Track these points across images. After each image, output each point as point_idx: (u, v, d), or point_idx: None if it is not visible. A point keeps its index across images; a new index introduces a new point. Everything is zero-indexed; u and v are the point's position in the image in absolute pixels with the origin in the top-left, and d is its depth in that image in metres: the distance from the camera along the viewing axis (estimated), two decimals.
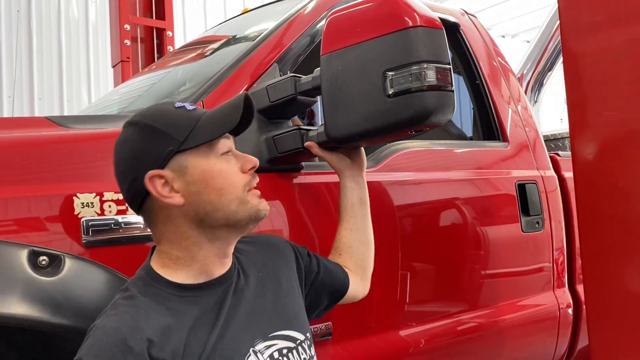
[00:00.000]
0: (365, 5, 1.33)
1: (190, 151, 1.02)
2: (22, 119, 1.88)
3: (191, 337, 0.97)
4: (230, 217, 1.04)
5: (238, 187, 1.05)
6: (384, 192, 1.69)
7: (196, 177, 1.02)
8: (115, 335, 0.91)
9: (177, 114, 1.05)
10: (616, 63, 1.32)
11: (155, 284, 1.01)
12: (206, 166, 1.03)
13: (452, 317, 1.83)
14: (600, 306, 1.33)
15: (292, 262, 1.25)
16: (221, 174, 1.04)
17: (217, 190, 1.03)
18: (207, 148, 1.04)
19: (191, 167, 1.02)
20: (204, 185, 1.02)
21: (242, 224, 1.06)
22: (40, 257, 1.10)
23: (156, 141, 1.02)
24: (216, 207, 1.03)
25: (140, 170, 1.01)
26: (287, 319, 1.13)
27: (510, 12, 8.08)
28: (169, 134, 1.01)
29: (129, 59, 4.25)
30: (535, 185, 2.06)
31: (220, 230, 1.05)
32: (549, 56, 3.00)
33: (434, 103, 1.24)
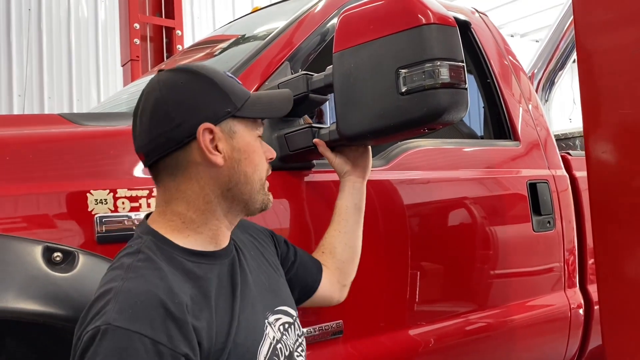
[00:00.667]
0: (378, 3, 1.32)
1: (241, 120, 1.05)
2: (35, 116, 1.89)
3: (216, 305, 0.95)
4: (252, 194, 1.06)
5: (263, 170, 1.09)
6: (395, 191, 1.69)
7: (241, 145, 1.04)
8: (151, 298, 0.86)
9: (232, 81, 1.07)
10: (630, 61, 1.31)
11: (167, 248, 0.97)
12: (250, 139, 1.06)
13: (462, 317, 1.82)
14: (614, 306, 1.32)
15: (272, 246, 1.26)
16: (259, 151, 1.08)
17: (253, 165, 1.06)
18: (253, 124, 1.07)
19: (239, 134, 1.04)
20: (246, 155, 1.05)
21: (255, 206, 1.08)
22: (54, 253, 1.11)
23: (217, 98, 1.02)
24: (248, 180, 1.05)
25: (192, 118, 0.99)
26: (281, 295, 1.15)
27: (519, 11, 8.05)
28: (229, 96, 1.03)
29: (138, 58, 4.26)
30: (547, 185, 2.04)
31: (238, 204, 1.06)
32: (560, 55, 2.98)
33: (447, 101, 1.24)
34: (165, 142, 0.99)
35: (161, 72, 1.06)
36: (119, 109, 2.13)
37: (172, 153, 1.00)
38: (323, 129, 1.42)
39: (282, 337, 1.06)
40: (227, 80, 1.06)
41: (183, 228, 1.01)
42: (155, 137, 0.99)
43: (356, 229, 1.44)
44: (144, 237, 0.99)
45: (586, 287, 2.18)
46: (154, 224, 1.02)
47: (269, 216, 1.42)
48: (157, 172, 1.03)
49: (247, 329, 0.98)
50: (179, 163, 1.00)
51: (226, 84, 1.04)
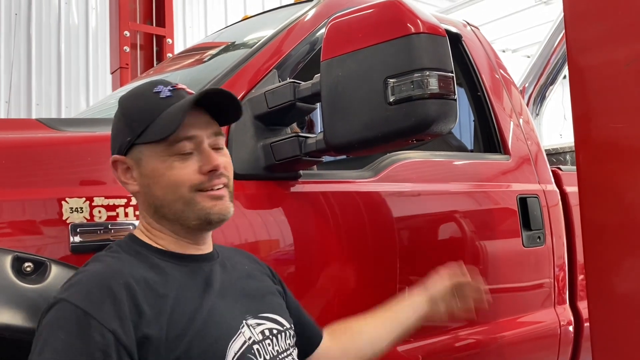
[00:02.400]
0: (367, 11, 1.30)
1: (146, 145, 1.03)
2: (12, 120, 1.85)
3: (180, 296, 0.97)
4: (179, 215, 1.04)
5: (183, 187, 1.02)
6: (383, 203, 1.66)
7: (147, 171, 1.04)
8: (97, 277, 0.93)
9: (147, 101, 1.05)
10: (622, 76, 1.29)
11: (138, 246, 1.04)
12: (156, 163, 1.03)
13: (451, 333, 1.79)
14: (605, 323, 1.30)
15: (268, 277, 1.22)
16: (168, 172, 1.02)
17: (162, 188, 1.03)
18: (163, 145, 1.02)
19: (144, 160, 1.04)
20: (154, 180, 1.03)
21: (193, 224, 1.04)
22: (24, 263, 1.07)
23: (122, 128, 1.06)
24: (162, 203, 1.04)
25: (112, 150, 1.08)
26: (274, 306, 1.14)
27: (511, 27, 8.10)
28: (131, 124, 1.04)
29: (127, 66, 4.22)
30: (537, 200, 2.02)
31: (174, 223, 1.05)
32: (551, 70, 2.98)
33: (436, 111, 1.22)
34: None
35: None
36: (106, 114, 2.10)
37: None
38: (310, 138, 1.39)
39: (264, 341, 1.05)
40: (139, 103, 1.06)
41: (149, 235, 1.07)
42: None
43: (390, 343, 1.36)
44: (123, 239, 1.08)
45: (576, 304, 2.15)
46: (135, 230, 1.10)
47: (254, 227, 1.39)
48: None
49: (218, 323, 0.99)
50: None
51: (131, 110, 1.06)
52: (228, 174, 1.07)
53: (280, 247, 1.44)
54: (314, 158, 1.43)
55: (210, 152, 1.04)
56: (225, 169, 1.06)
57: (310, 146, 1.38)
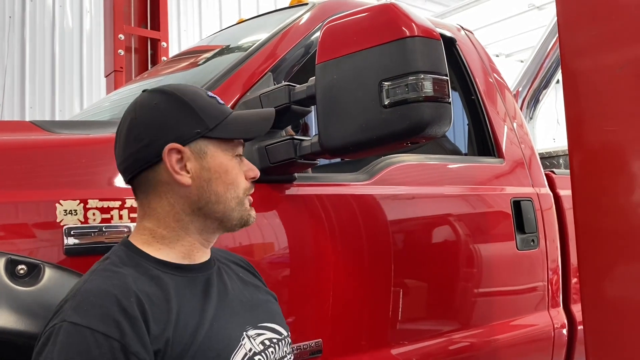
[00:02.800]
0: (363, 15, 1.31)
1: (213, 140, 1.05)
2: (5, 122, 1.84)
3: (181, 309, 0.96)
4: (227, 212, 1.06)
5: (241, 188, 1.09)
6: (377, 206, 1.66)
7: (212, 165, 1.05)
8: (106, 296, 0.90)
9: (210, 101, 1.08)
10: (615, 80, 1.30)
11: (136, 256, 1.01)
12: (223, 159, 1.06)
13: (445, 336, 1.79)
14: (599, 327, 1.30)
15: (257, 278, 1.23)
16: (233, 171, 1.07)
17: (225, 184, 1.06)
18: (228, 145, 1.07)
19: (210, 154, 1.05)
20: (217, 175, 1.05)
21: (232, 223, 1.08)
22: (18, 265, 1.06)
23: (187, 118, 1.04)
24: (219, 199, 1.05)
25: (160, 138, 1.02)
26: (271, 314, 1.14)
27: (504, 31, 8.14)
28: (201, 117, 1.04)
29: (122, 69, 4.21)
30: (531, 203, 2.03)
31: (212, 222, 1.07)
32: (545, 74, 3.00)
33: (430, 114, 1.22)
34: (135, 162, 1.04)
35: (143, 92, 1.09)
36: (100, 117, 2.09)
37: (143, 172, 1.04)
38: (305, 141, 1.39)
39: (265, 351, 1.05)
40: (202, 100, 1.07)
41: (154, 242, 1.04)
42: (128, 157, 1.04)
43: None
44: (118, 247, 1.04)
45: (569, 307, 2.16)
46: (131, 237, 1.06)
47: (249, 229, 1.38)
48: (133, 189, 1.08)
49: (220, 336, 0.99)
50: (149, 182, 1.04)
51: (199, 104, 1.06)
52: None
53: (275, 250, 1.44)
54: (309, 161, 1.43)
55: (250, 163, 1.13)
56: None
57: (305, 149, 1.38)
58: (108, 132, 1.35)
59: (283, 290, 1.43)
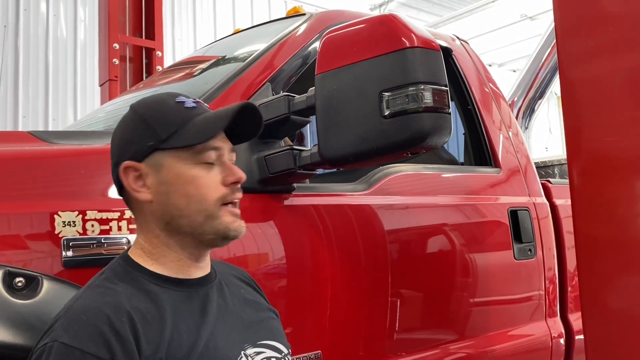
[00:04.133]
0: (362, 25, 1.31)
1: (170, 151, 1.00)
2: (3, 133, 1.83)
3: (176, 327, 0.94)
4: (196, 228, 1.00)
5: (210, 199, 1.00)
6: (375, 216, 1.66)
7: (168, 178, 1.00)
8: (97, 314, 0.88)
9: (171, 108, 1.02)
10: (613, 89, 1.31)
11: (133, 270, 0.99)
12: (181, 170, 1.00)
13: (442, 346, 1.78)
14: (599, 337, 1.30)
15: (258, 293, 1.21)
16: (194, 181, 1.00)
17: (185, 197, 0.99)
18: (189, 152, 1.00)
19: (166, 166, 1.00)
20: (174, 188, 1.00)
21: (208, 238, 1.02)
22: (16, 278, 1.05)
23: (140, 133, 1.01)
24: (182, 213, 1.00)
25: (121, 157, 1.02)
26: (272, 331, 1.12)
27: (497, 41, 8.21)
28: (154, 129, 1.00)
29: (116, 78, 4.19)
30: (528, 212, 2.03)
31: (186, 237, 1.01)
32: (540, 84, 3.02)
33: (430, 125, 1.22)
34: (114, 180, 1.05)
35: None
36: (94, 127, 2.08)
37: (122, 191, 1.04)
38: (304, 151, 1.39)
39: None
40: (162, 109, 1.03)
41: (146, 257, 1.03)
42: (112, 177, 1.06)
43: None
44: (117, 260, 1.02)
45: (567, 317, 2.16)
46: (130, 250, 1.05)
47: (247, 240, 1.38)
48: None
49: (215, 356, 0.96)
50: (127, 201, 1.05)
51: (157, 115, 1.02)
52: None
53: (274, 260, 1.43)
54: (308, 171, 1.42)
55: (232, 165, 1.04)
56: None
57: (305, 159, 1.37)
58: (106, 143, 1.34)
59: (282, 301, 1.42)
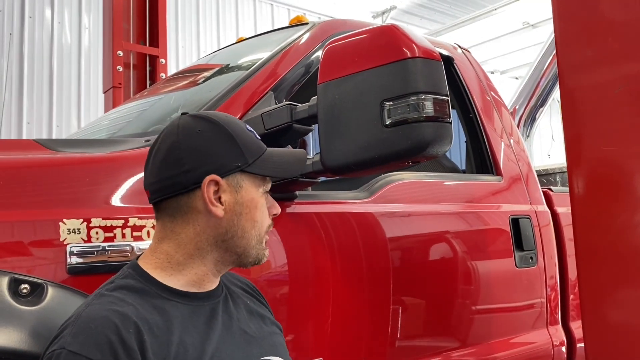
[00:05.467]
0: (364, 36, 1.32)
1: (249, 175, 1.06)
2: (8, 141, 1.84)
3: (182, 341, 0.95)
4: (247, 249, 1.07)
5: (264, 226, 1.10)
6: (377, 224, 1.66)
7: (245, 200, 1.05)
8: (105, 323, 0.89)
9: (249, 135, 1.09)
10: (613, 98, 1.32)
11: (143, 281, 1.00)
12: (255, 195, 1.07)
13: (444, 354, 1.78)
14: (600, 346, 1.30)
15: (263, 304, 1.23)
16: (261, 208, 1.08)
17: (253, 221, 1.07)
18: (261, 180, 1.08)
19: (245, 189, 1.06)
20: (247, 210, 1.06)
21: (248, 260, 1.09)
22: (21, 285, 1.06)
23: (230, 150, 1.04)
24: (244, 234, 1.06)
25: (201, 166, 1.02)
26: (275, 347, 1.12)
27: (499, 49, 8.23)
28: (242, 150, 1.05)
29: (120, 85, 4.22)
30: (529, 220, 2.04)
31: (230, 256, 1.07)
32: (541, 92, 3.03)
33: (431, 134, 1.23)
34: (171, 185, 1.03)
35: (183, 115, 1.09)
36: (99, 135, 2.10)
37: (176, 196, 1.03)
38: (307, 159, 1.40)
39: None
40: (244, 133, 1.08)
41: (167, 267, 1.03)
42: (164, 179, 1.03)
43: None
44: (125, 270, 1.03)
45: (568, 324, 2.16)
46: (140, 260, 1.05)
47: None
48: (158, 210, 1.07)
49: None
50: (181, 207, 1.04)
51: (242, 138, 1.06)
52: None
53: (276, 267, 1.44)
54: (310, 179, 1.44)
55: (273, 199, 1.13)
56: None
57: (307, 167, 1.38)
58: (111, 150, 1.36)
59: (284, 308, 1.43)
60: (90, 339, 0.87)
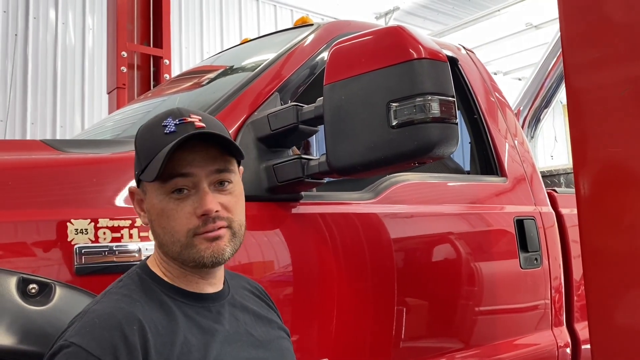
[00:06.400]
0: (370, 37, 1.33)
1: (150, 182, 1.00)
2: (16, 141, 1.85)
3: (187, 342, 0.95)
4: (175, 257, 1.00)
5: (180, 231, 0.97)
6: (382, 225, 1.66)
7: (149, 207, 1.02)
8: (109, 319, 0.90)
9: (153, 135, 1.00)
10: (620, 99, 1.31)
11: (150, 280, 1.01)
12: (154, 201, 1.00)
13: (448, 355, 1.78)
14: (606, 348, 1.30)
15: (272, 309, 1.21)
16: (164, 213, 0.98)
17: (160, 228, 1.00)
18: (158, 182, 0.98)
19: (148, 196, 1.02)
20: (153, 217, 1.01)
21: (190, 265, 1.00)
22: (29, 284, 1.06)
23: (136, 160, 1.05)
24: (162, 242, 1.01)
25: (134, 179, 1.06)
26: (281, 351, 1.12)
27: (502, 50, 8.23)
28: (139, 157, 1.03)
29: (124, 86, 4.23)
30: (534, 221, 2.04)
31: (176, 262, 1.01)
32: (546, 93, 3.02)
33: (437, 135, 1.23)
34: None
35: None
36: (102, 136, 2.10)
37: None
38: (312, 160, 1.40)
39: None
40: (146, 137, 1.01)
41: (163, 268, 1.04)
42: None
43: None
44: (134, 270, 1.04)
45: (573, 326, 2.16)
46: (149, 261, 1.06)
47: (254, 248, 1.39)
48: None
49: None
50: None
51: (141, 144, 1.02)
52: (229, 214, 1.00)
53: (281, 268, 1.44)
54: (316, 180, 1.44)
55: (204, 194, 0.97)
56: (226, 210, 1.00)
57: (313, 168, 1.39)
58: (118, 151, 1.36)
59: (289, 309, 1.43)
60: (92, 333, 0.88)
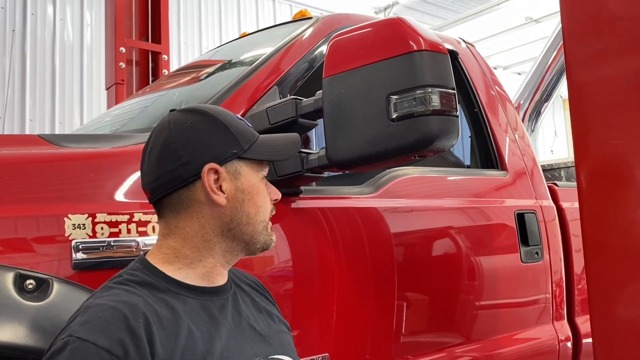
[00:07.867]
0: (369, 29, 1.31)
1: (247, 161, 1.06)
2: (13, 136, 1.84)
3: (191, 335, 0.95)
4: (254, 235, 1.07)
5: (268, 210, 1.10)
6: (382, 219, 1.66)
7: (245, 186, 1.05)
8: (115, 313, 0.89)
9: (241, 123, 1.09)
10: (621, 92, 1.31)
11: (151, 275, 1.00)
12: (255, 181, 1.07)
13: (449, 349, 1.78)
14: (608, 342, 1.29)
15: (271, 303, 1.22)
16: (263, 192, 1.09)
17: (256, 206, 1.07)
18: (259, 166, 1.09)
19: (244, 175, 1.06)
20: (249, 197, 1.06)
21: (256, 247, 1.08)
22: (27, 280, 1.05)
23: (224, 139, 1.04)
24: (250, 221, 1.06)
25: (199, 157, 1.01)
26: (283, 345, 1.12)
27: (502, 44, 8.22)
28: (237, 137, 1.05)
29: (123, 82, 4.22)
30: (534, 215, 2.03)
31: (238, 244, 1.07)
32: (546, 87, 3.01)
33: (438, 128, 1.22)
34: (170, 180, 1.02)
35: (172, 111, 1.08)
36: (101, 131, 2.09)
37: (177, 191, 1.02)
38: (312, 154, 1.39)
39: None
40: (235, 121, 1.08)
41: (175, 261, 1.03)
42: (162, 175, 1.02)
43: None
44: (133, 264, 1.03)
45: (574, 320, 2.15)
46: (148, 255, 1.05)
47: None
48: (160, 208, 1.06)
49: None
50: (182, 201, 1.03)
51: (234, 125, 1.07)
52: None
53: (280, 263, 1.44)
54: (315, 174, 1.43)
55: (272, 185, 1.13)
56: None
57: (312, 162, 1.38)
58: (116, 146, 1.35)
59: (289, 304, 1.42)
60: (98, 326, 0.87)
